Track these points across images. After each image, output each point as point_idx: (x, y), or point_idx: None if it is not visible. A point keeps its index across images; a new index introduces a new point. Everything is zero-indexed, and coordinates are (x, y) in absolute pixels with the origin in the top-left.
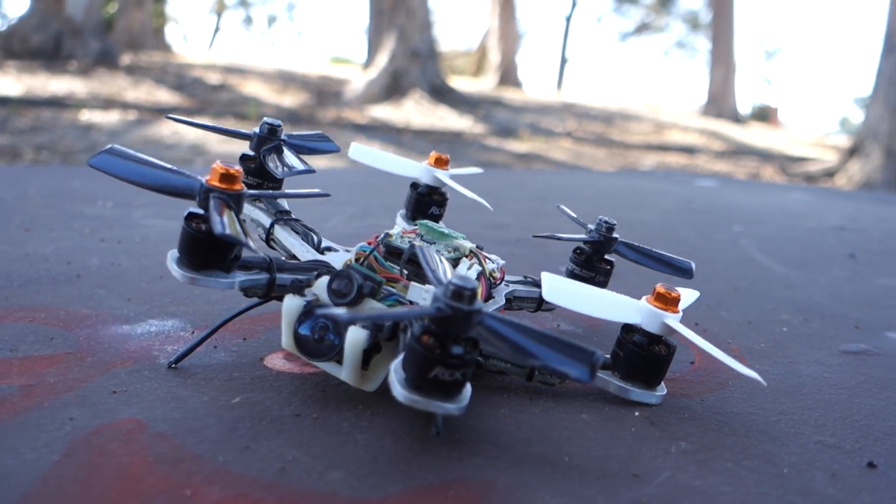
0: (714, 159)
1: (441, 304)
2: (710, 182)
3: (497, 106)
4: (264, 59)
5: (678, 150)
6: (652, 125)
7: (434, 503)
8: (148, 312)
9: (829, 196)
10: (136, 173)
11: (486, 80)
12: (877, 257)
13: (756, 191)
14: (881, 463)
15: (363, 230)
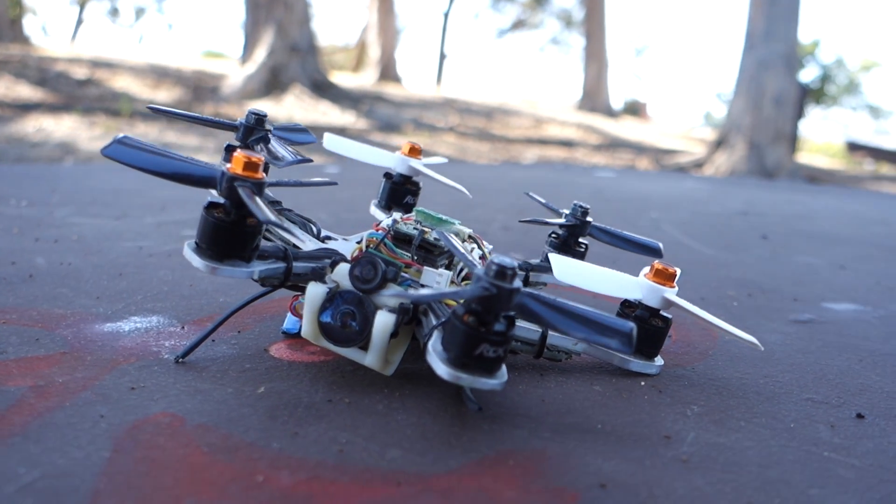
0: (592, 152)
1: (485, 284)
2: (609, 173)
3: (379, 101)
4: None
5: (557, 144)
6: (531, 120)
7: (497, 473)
8: (125, 310)
9: (719, 184)
10: (153, 163)
11: (367, 76)
12: (785, 238)
13: (652, 180)
14: (867, 414)
15: None
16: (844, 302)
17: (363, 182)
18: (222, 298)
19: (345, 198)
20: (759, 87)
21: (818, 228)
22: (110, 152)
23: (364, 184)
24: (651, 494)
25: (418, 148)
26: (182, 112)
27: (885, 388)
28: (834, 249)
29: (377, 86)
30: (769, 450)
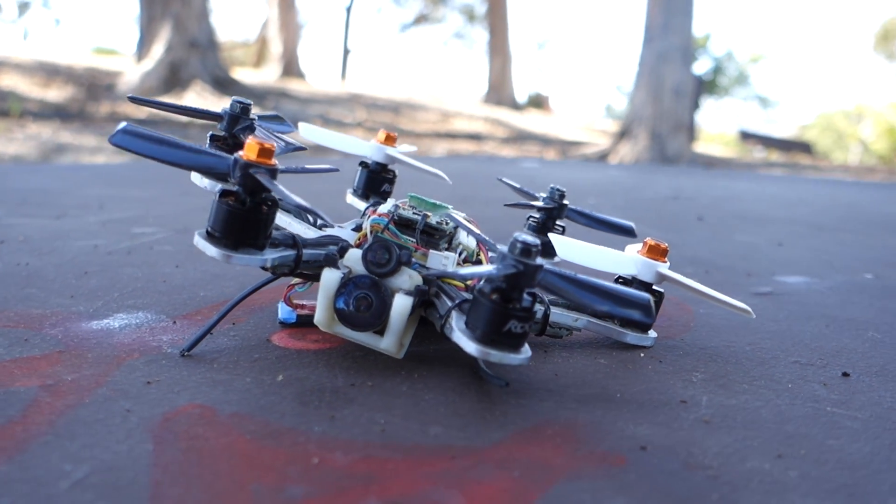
0: (500, 145)
1: (511, 261)
2: (534, 163)
3: (284, 97)
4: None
5: (466, 138)
6: (438, 114)
7: (541, 443)
8: (107, 307)
9: (639, 172)
10: (164, 152)
11: (269, 72)
12: (719, 219)
13: (576, 169)
14: (851, 372)
15: None
16: (794, 275)
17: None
18: (202, 293)
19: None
20: (659, 79)
21: (746, 210)
22: (117, 141)
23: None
24: (689, 453)
25: (394, 136)
26: (165, 102)
27: (858, 349)
28: (767, 228)
29: (281, 82)
30: (779, 408)
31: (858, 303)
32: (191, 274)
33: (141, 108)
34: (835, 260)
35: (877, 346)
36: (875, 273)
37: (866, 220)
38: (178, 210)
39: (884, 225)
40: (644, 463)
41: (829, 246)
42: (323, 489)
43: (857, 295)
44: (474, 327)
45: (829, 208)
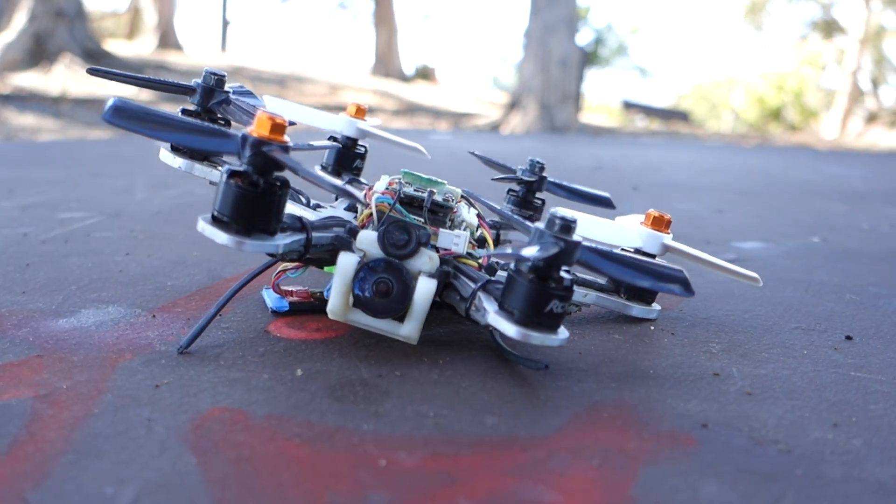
0: (391, 117)
1: (551, 239)
2: (444, 136)
3: (162, 70)
4: None
5: None
6: (326, 87)
7: (604, 427)
8: (70, 303)
9: (550, 142)
10: (162, 131)
11: (144, 43)
12: (653, 188)
13: (488, 140)
14: (853, 335)
15: (183, 202)
16: (749, 241)
17: None
18: (169, 282)
19: None
20: (546, 50)
21: (671, 178)
22: (110, 118)
23: None
24: (751, 427)
25: (364, 109)
26: (128, 74)
27: (845, 312)
28: (700, 196)
29: (157, 54)
30: (808, 375)
31: (821, 266)
32: (147, 262)
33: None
34: (778, 225)
35: (860, 308)
36: (820, 237)
37: (785, 186)
38: (99, 192)
39: (805, 190)
40: (713, 441)
41: (765, 212)
42: (407, 494)
43: (815, 259)
44: (512, 309)
45: (745, 175)
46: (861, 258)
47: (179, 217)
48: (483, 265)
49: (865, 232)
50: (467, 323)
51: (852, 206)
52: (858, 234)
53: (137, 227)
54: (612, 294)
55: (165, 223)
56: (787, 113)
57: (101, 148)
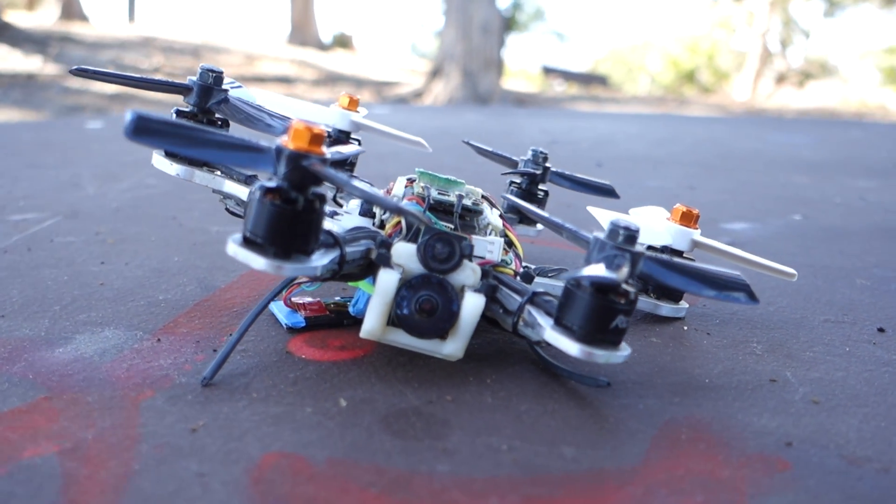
0: (311, 87)
1: (614, 251)
2: (384, 109)
3: (68, 42)
4: None
5: (275, 81)
6: (242, 57)
7: (688, 452)
8: (59, 326)
9: (490, 115)
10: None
11: (46, 14)
12: (616, 164)
13: (427, 115)
14: (884, 326)
15: (140, 195)
16: (734, 222)
17: None
18: (161, 296)
19: None
20: (467, 16)
21: (629, 152)
22: (133, 135)
23: None
24: (836, 444)
25: (356, 100)
26: (117, 74)
27: (865, 300)
28: (665, 172)
29: (61, 25)
30: (862, 376)
31: (816, 247)
32: (127, 272)
33: None
34: (753, 202)
35: (875, 294)
36: (800, 214)
37: (740, 157)
38: (44, 187)
39: (761, 161)
40: (806, 463)
41: (733, 186)
42: None
43: (806, 239)
44: (571, 325)
45: (696, 145)
46: (850, 237)
47: (142, 214)
48: (517, 272)
49: (840, 207)
50: (496, 331)
51: (815, 178)
52: (835, 210)
53: (102, 228)
54: (642, 294)
55: (129, 222)
56: (701, 75)
57: (29, 133)
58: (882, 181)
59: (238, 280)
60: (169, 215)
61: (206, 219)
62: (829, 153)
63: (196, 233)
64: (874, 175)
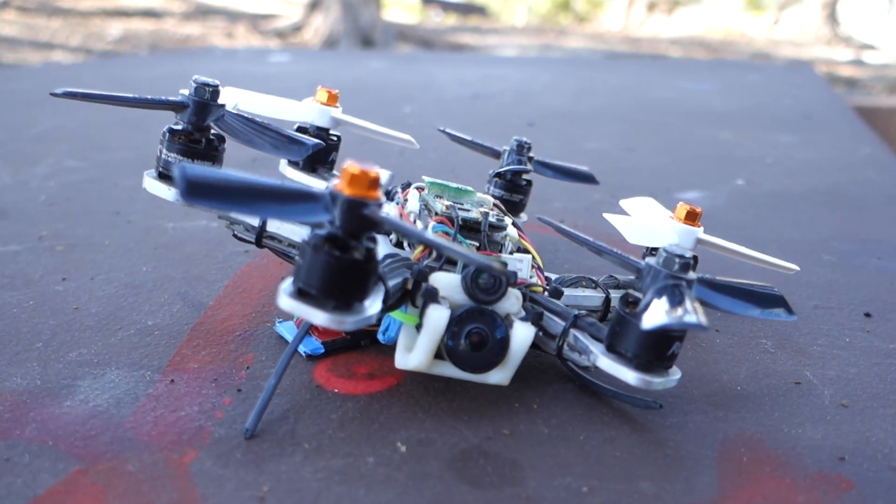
0: (182, 22)
1: (670, 280)
2: (283, 56)
3: None
4: None
5: (141, 15)
6: None
7: (756, 478)
8: (52, 370)
9: (400, 62)
10: (246, 199)
11: None
12: (546, 123)
13: (336, 64)
14: (869, 311)
15: (66, 181)
16: (684, 190)
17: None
18: (150, 321)
19: (237, 157)
20: None
21: (552, 106)
22: (190, 197)
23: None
24: (883, 454)
25: (335, 94)
26: (109, 95)
27: (839, 280)
28: (598, 131)
29: None
30: (874, 371)
31: (771, 218)
32: (97, 290)
33: None
34: (695, 165)
35: (844, 271)
36: (743, 177)
37: (663, 109)
38: None
39: (681, 114)
40: (867, 480)
41: (670, 147)
42: None
43: (759, 209)
44: (626, 351)
45: (613, 96)
46: (796, 203)
47: (79, 209)
48: (545, 287)
49: (774, 168)
50: None
51: (737, 134)
52: (771, 172)
53: (43, 230)
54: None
55: (70, 221)
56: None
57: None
58: (798, 136)
59: (224, 294)
60: (111, 210)
61: (154, 212)
62: (737, 102)
63: (152, 232)
64: (788, 128)
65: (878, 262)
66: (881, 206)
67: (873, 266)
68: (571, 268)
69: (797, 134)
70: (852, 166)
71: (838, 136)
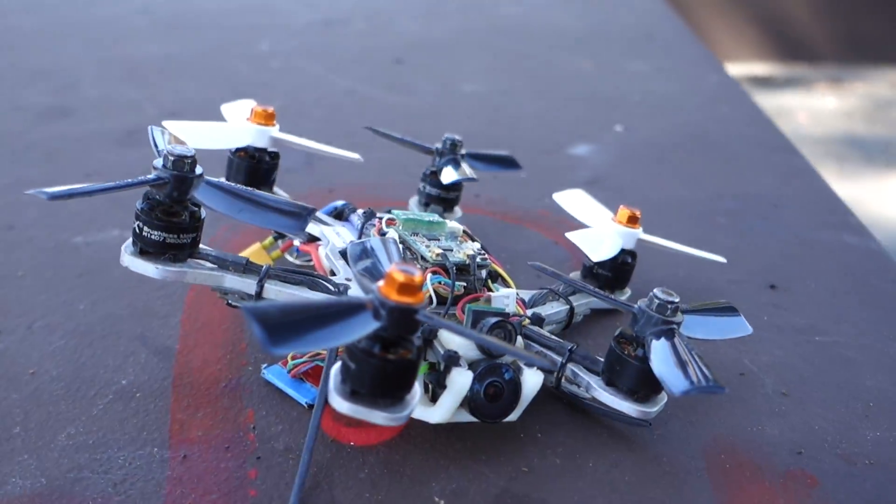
0: None
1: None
2: None
3: None
4: None
5: None
6: None
7: (741, 486)
8: (49, 467)
9: None
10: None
11: None
12: (414, 61)
13: None
14: (775, 283)
15: None
16: (573, 144)
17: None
18: (124, 381)
19: None
20: None
21: (410, 34)
22: (275, 346)
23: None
24: (829, 443)
25: (273, 113)
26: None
27: (736, 247)
28: (466, 67)
29: None
30: (797, 353)
31: (659, 174)
32: (43, 344)
33: None
34: (570, 108)
35: (742, 237)
36: (619, 122)
37: (515, 33)
38: None
39: (538, 36)
40: (825, 473)
41: (541, 87)
42: None
43: (644, 163)
44: (625, 387)
45: (465, 18)
46: (677, 153)
47: None
48: (526, 315)
49: (635, 108)
50: None
51: (597, 63)
52: (642, 114)
53: None
54: None
55: None
56: None
57: None
58: (649, 63)
59: (185, 333)
60: (2, 224)
61: (52, 224)
62: (582, 20)
63: (63, 252)
64: (637, 52)
65: (764, 225)
66: (744, 150)
67: (761, 229)
68: (508, 256)
69: (647, 60)
70: (708, 101)
71: (682, 59)
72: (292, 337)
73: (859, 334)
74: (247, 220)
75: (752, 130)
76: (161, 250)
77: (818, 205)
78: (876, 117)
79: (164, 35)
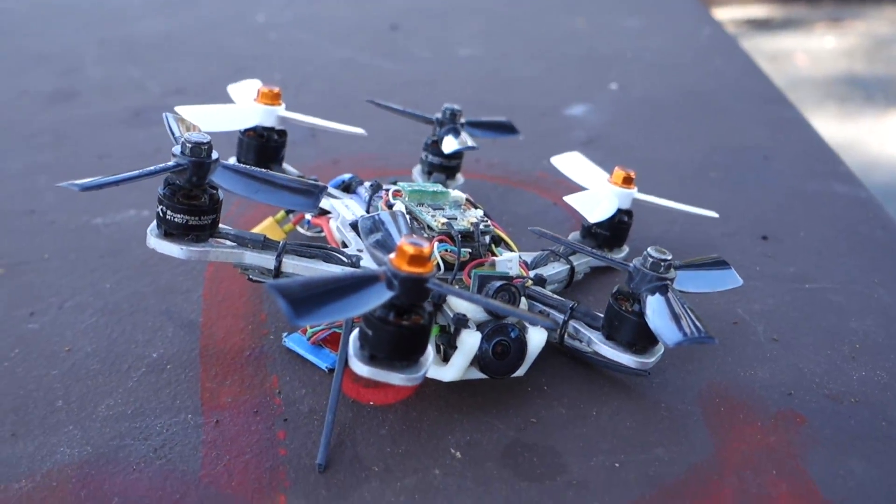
0: None
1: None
2: None
3: None
4: None
5: None
6: None
7: (734, 429)
8: (93, 436)
9: None
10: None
11: None
12: (410, 26)
13: None
14: (767, 234)
15: None
16: (570, 104)
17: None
18: (154, 354)
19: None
20: None
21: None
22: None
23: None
24: (816, 384)
25: (278, 92)
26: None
27: (731, 201)
28: (462, 32)
29: None
30: (786, 301)
31: (652, 132)
32: (75, 322)
33: None
34: (565, 69)
35: (733, 191)
36: (614, 80)
37: None
38: None
39: None
40: (812, 411)
41: (536, 50)
42: None
43: (641, 122)
44: (624, 341)
45: None
46: (671, 110)
47: None
48: (529, 277)
49: (638, 65)
50: None
51: (590, 21)
52: (636, 70)
53: None
54: None
55: None
56: None
57: None
58: (641, 19)
59: (208, 307)
60: (24, 209)
61: (71, 207)
62: None
63: (85, 234)
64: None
65: (756, 177)
66: (737, 104)
67: (752, 181)
68: (509, 220)
69: (640, 16)
70: (701, 57)
71: (675, 13)
72: (314, 309)
73: (848, 281)
74: (262, 201)
75: (745, 82)
76: (184, 232)
77: (808, 155)
78: (876, 56)
79: (160, 11)
